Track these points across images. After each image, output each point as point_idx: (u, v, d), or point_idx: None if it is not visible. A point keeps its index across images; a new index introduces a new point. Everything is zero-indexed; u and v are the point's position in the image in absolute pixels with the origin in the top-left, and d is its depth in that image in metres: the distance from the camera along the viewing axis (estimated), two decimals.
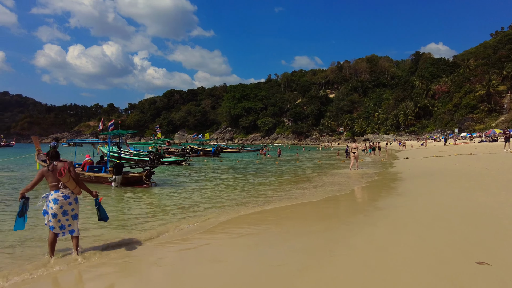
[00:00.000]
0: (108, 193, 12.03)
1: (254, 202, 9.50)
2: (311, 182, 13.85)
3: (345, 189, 11.32)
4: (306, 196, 10.22)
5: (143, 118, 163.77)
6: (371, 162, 25.00)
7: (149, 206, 9.65)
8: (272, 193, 11.21)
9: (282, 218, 7.47)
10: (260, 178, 16.33)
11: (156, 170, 21.90)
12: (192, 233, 6.40)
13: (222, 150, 45.34)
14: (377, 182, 12.74)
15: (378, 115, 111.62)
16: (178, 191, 12.25)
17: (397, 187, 10.94)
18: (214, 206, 9.23)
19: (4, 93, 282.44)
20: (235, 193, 11.49)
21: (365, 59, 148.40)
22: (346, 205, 8.96)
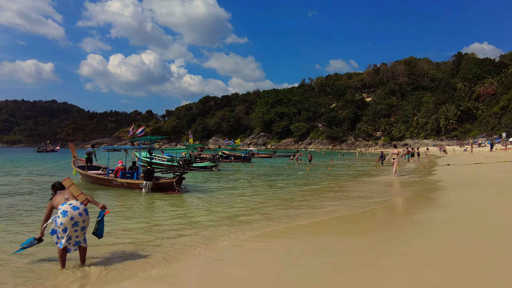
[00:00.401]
0: (138, 200, 12.00)
1: (284, 215, 8.79)
2: (341, 192, 12.95)
3: (378, 199, 10.46)
4: (336, 209, 9.44)
5: (179, 124, 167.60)
6: (409, 169, 23.61)
7: (176, 216, 9.19)
8: (300, 203, 10.46)
9: (305, 232, 6.86)
10: (290, 186, 15.66)
11: (186, 175, 22.11)
12: (210, 249, 5.97)
13: (253, 156, 44.94)
14: (414, 191, 11.73)
15: (418, 119, 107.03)
16: (207, 199, 11.89)
17: (437, 197, 9.94)
18: (242, 216, 8.72)
19: (52, 101, 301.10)
20: (264, 203, 10.82)
21: (403, 62, 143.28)
22: (378, 218, 8.19)
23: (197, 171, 25.75)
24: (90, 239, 5.24)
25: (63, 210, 4.92)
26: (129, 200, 11.70)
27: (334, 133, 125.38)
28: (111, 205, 10.60)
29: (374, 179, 17.92)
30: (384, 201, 10.24)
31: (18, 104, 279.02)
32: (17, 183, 17.03)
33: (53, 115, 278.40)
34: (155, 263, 5.18)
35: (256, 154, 53.89)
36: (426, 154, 37.83)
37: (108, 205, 10.25)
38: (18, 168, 28.20)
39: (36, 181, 17.97)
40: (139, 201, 11.56)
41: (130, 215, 9.10)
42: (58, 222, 4.90)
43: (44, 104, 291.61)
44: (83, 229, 5.07)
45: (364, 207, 9.42)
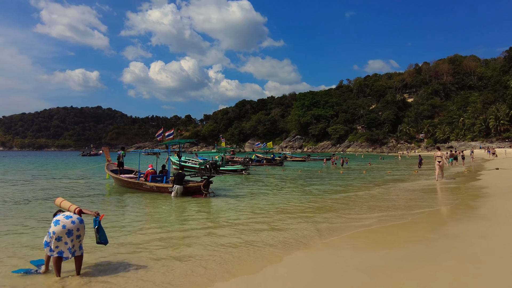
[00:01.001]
0: (167, 203, 11.90)
1: (305, 230, 8.21)
2: (371, 200, 11.58)
3: (410, 208, 9.47)
4: (359, 219, 8.36)
5: (216, 128, 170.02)
6: (453, 173, 21.89)
7: (201, 223, 8.70)
8: (324, 215, 9.61)
9: (324, 244, 6.25)
10: (321, 194, 14.77)
11: (216, 179, 21.98)
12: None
13: (286, 159, 44.06)
14: (453, 198, 10.58)
15: (464, 120, 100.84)
16: (234, 204, 11.42)
17: (479, 206, 8.77)
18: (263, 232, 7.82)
19: (98, 107, 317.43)
20: (290, 213, 9.79)
21: (446, 60, 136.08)
22: (405, 229, 7.16)
23: (227, 175, 25.74)
24: (90, 246, 4.96)
25: (55, 220, 4.80)
26: (156, 206, 11.45)
27: (374, 135, 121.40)
28: (139, 210, 10.52)
29: (409, 184, 16.62)
30: (417, 209, 9.19)
31: (67, 111, 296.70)
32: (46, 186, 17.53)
33: (98, 120, 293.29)
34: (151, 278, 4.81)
35: (290, 158, 52.91)
36: (472, 157, 35.14)
37: (137, 211, 10.41)
38: (55, 171, 29.31)
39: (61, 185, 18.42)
40: (164, 208, 11.35)
41: (154, 223, 8.86)
42: (50, 232, 4.76)
43: (90, 110, 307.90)
44: (78, 238, 4.88)
45: (392, 217, 8.39)
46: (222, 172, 26.16)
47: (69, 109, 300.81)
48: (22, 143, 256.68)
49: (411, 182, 17.75)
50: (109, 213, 9.53)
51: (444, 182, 16.15)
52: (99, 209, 10.47)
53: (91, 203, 11.60)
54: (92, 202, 11.95)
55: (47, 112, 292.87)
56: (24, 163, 46.36)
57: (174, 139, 17.50)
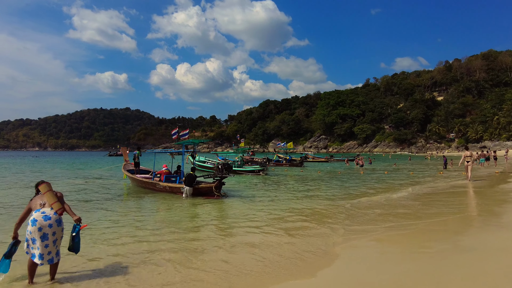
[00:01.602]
0: (177, 204, 11.70)
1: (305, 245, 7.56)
2: (382, 207, 10.40)
3: (423, 212, 8.65)
4: (362, 230, 7.18)
5: (240, 128, 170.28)
6: (483, 175, 20.40)
7: (208, 226, 8.18)
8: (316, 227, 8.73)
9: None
10: (332, 200, 13.94)
11: (233, 179, 21.57)
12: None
13: (306, 159, 42.99)
14: (476, 203, 9.62)
15: (499, 119, 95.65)
16: (246, 207, 10.99)
17: (503, 213, 7.78)
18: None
19: (126, 108, 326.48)
20: (282, 218, 9.03)
21: (480, 56, 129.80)
22: (413, 238, 6.35)
23: (245, 175, 25.33)
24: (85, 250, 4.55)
25: (33, 218, 4.43)
26: (166, 208, 11.14)
27: (402, 135, 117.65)
28: (148, 212, 10.19)
29: (428, 186, 15.50)
30: (431, 217, 8.17)
31: (97, 112, 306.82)
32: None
33: (127, 121, 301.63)
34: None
35: (312, 158, 51.80)
36: (506, 158, 32.87)
37: (149, 212, 10.09)
38: (79, 170, 29.85)
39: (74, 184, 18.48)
40: (176, 205, 11.02)
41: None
42: (28, 229, 4.41)
43: (119, 112, 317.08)
44: (55, 243, 4.49)
45: (401, 227, 7.39)
46: (238, 172, 25.93)
47: (99, 110, 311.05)
48: (56, 144, 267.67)
49: (432, 183, 16.62)
50: (112, 214, 9.23)
51: (469, 184, 14.97)
52: (102, 209, 10.24)
53: (97, 203, 11.47)
54: (98, 202, 11.78)
55: (79, 113, 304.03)
56: (52, 162, 47.86)
57: (189, 139, 17.06)
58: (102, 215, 9.39)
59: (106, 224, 8.07)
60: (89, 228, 7.10)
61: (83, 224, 4.80)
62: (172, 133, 19.33)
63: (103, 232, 7.22)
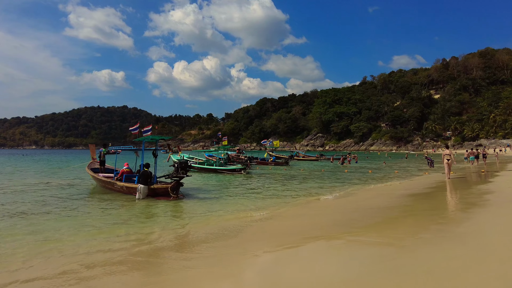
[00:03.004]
0: (121, 205, 10.93)
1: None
2: (322, 210, 9.76)
3: (370, 215, 7.95)
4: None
5: (237, 126, 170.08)
6: (467, 173, 19.99)
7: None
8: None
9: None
10: (286, 195, 13.46)
11: (206, 178, 21.15)
12: None
13: (292, 158, 42.74)
14: (440, 206, 8.72)
15: (495, 117, 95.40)
16: (203, 208, 10.42)
17: (465, 220, 6.66)
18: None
19: (124, 106, 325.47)
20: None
21: (477, 54, 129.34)
22: (337, 254, 5.10)
23: (225, 174, 24.91)
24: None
25: None
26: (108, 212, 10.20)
27: (398, 133, 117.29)
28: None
29: (401, 185, 15.16)
30: (379, 224, 7.02)
31: (95, 110, 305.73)
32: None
33: (124, 119, 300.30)
34: None
35: (303, 156, 51.53)
36: (497, 156, 32.48)
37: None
38: (57, 169, 29.12)
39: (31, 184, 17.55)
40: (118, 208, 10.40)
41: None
42: None
43: (116, 110, 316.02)
44: None
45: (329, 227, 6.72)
46: (219, 171, 25.46)
47: (96, 108, 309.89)
48: (53, 142, 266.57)
49: (404, 182, 16.33)
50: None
51: (446, 183, 14.63)
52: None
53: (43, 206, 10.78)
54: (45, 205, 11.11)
55: (76, 112, 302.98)
56: (37, 161, 47.25)
57: (148, 136, 15.20)
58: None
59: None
60: None
61: None
62: (131, 129, 17.44)
63: None
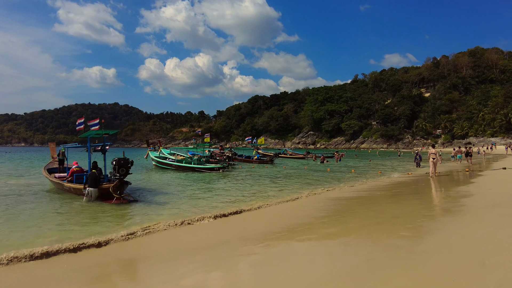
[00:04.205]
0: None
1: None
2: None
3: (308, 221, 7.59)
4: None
5: (229, 124, 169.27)
6: (451, 172, 19.97)
7: None
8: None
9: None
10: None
11: (168, 176, 20.76)
12: None
13: (277, 156, 42.75)
14: (411, 210, 8.16)
15: (484, 115, 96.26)
16: (153, 214, 9.62)
17: (432, 231, 5.88)
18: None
19: (115, 104, 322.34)
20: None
21: (466, 53, 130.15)
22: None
23: (203, 172, 24.60)
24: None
25: None
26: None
27: (389, 131, 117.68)
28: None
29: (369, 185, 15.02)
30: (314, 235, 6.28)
31: (85, 107, 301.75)
32: None
33: (115, 117, 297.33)
34: None
35: (290, 154, 51.61)
36: (484, 154, 32.63)
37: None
38: (23, 168, 28.46)
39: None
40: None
41: None
42: None
43: (107, 107, 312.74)
44: None
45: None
46: (197, 169, 25.13)
47: (87, 105, 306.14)
48: (43, 139, 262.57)
49: (385, 181, 16.14)
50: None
51: (426, 183, 14.55)
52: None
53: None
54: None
55: (66, 109, 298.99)
56: (15, 159, 46.41)
57: (92, 131, 14.18)
58: None
59: None
60: None
61: None
62: (77, 124, 15.65)
63: None
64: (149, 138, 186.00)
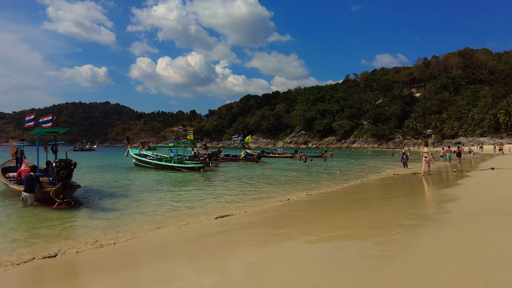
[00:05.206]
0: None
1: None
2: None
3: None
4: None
5: (220, 123, 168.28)
6: (438, 173, 19.46)
7: None
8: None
9: None
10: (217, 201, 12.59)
11: (142, 176, 19.92)
12: None
13: (263, 154, 42.54)
14: (387, 217, 7.37)
15: (473, 115, 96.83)
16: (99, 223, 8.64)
17: (405, 247, 4.91)
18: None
19: (106, 103, 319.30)
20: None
21: (457, 53, 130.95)
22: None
23: (183, 172, 23.95)
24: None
25: None
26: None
27: (380, 131, 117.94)
28: None
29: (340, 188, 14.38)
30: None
31: (76, 106, 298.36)
32: None
33: (106, 116, 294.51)
34: None
35: (279, 153, 51.23)
36: (473, 153, 32.32)
37: None
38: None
39: None
40: None
41: None
42: None
43: (98, 106, 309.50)
44: None
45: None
46: (177, 168, 24.41)
47: (77, 104, 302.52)
48: (32, 138, 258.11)
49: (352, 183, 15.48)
50: None
51: (408, 186, 13.93)
52: None
53: None
54: None
55: (56, 107, 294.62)
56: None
57: (41, 129, 12.99)
58: None
59: None
60: None
61: None
62: (26, 120, 14.42)
63: None
64: (141, 137, 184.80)
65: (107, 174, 23.11)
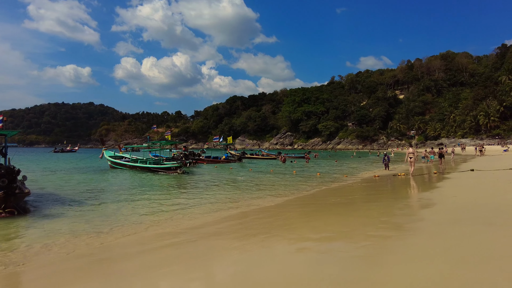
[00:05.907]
0: None
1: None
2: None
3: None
4: None
5: (206, 124, 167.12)
6: (419, 174, 19.12)
7: None
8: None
9: None
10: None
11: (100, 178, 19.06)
12: None
13: (244, 156, 42.46)
14: (352, 227, 6.70)
15: (455, 117, 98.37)
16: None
17: (369, 264, 4.22)
18: None
19: (90, 103, 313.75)
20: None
21: (439, 56, 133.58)
22: None
23: (161, 173, 23.13)
24: None
25: None
26: None
27: (364, 132, 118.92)
28: None
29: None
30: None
31: (59, 107, 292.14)
32: None
33: (90, 116, 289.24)
34: None
35: (262, 155, 50.76)
36: (453, 154, 32.34)
37: None
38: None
39: None
40: None
41: None
42: None
43: (82, 106, 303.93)
44: None
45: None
46: (153, 169, 23.55)
47: (60, 105, 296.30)
48: (12, 140, 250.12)
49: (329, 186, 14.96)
50: None
51: (385, 189, 13.46)
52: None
53: None
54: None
55: (38, 108, 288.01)
56: None
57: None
58: None
59: None
60: None
61: None
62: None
63: None
64: (125, 138, 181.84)
65: (76, 177, 22.02)
